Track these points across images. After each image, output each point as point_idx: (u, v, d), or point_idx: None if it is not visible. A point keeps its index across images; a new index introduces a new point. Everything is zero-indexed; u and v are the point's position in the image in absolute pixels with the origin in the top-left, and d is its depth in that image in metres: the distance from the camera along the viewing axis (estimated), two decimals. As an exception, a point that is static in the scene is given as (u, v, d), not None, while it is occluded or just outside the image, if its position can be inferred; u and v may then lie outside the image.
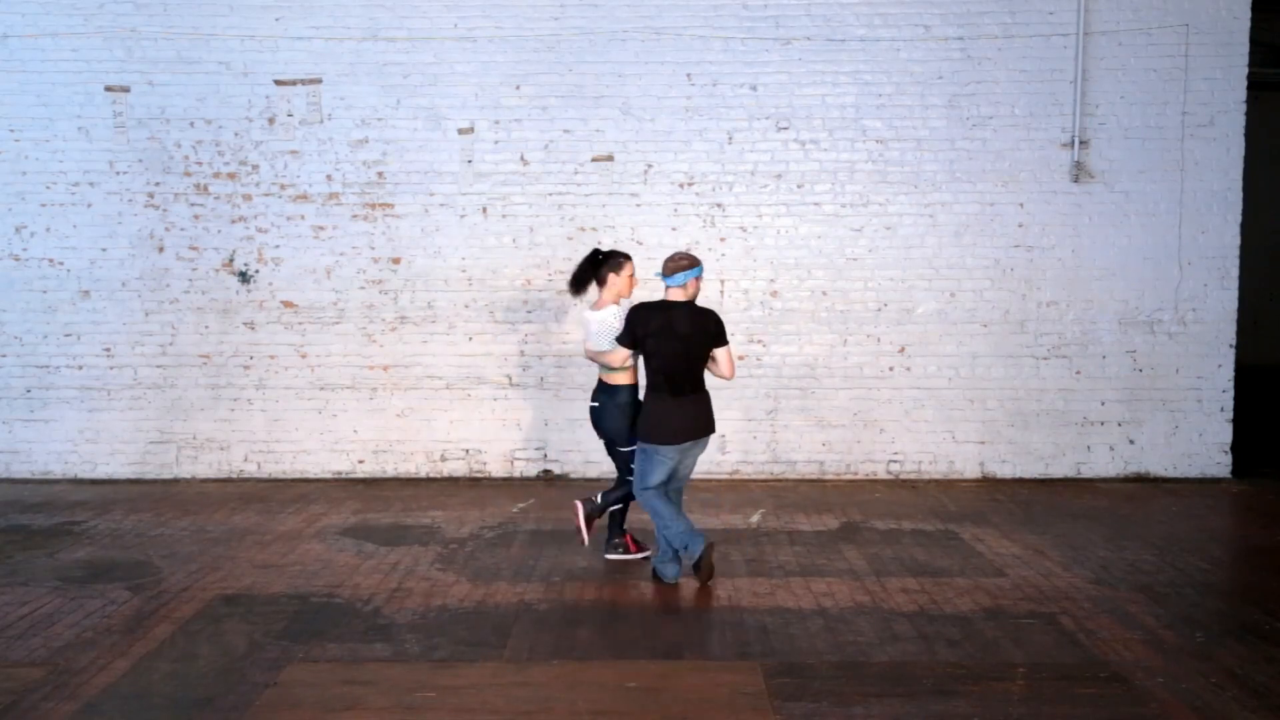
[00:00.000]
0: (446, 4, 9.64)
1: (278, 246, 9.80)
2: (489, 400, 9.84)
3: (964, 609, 6.21)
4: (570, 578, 6.81)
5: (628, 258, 7.13)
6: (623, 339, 6.71)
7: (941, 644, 5.65)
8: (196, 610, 6.18)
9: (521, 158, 9.75)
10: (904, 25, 9.63)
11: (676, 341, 6.53)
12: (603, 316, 7.00)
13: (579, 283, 7.16)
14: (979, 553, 7.42)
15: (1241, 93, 9.63)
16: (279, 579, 6.78)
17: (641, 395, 6.85)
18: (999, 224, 9.74)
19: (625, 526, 7.30)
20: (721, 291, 9.72)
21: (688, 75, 9.68)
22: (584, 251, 9.59)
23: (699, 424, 6.65)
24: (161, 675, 5.27)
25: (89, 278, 9.80)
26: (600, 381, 7.04)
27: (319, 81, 9.72)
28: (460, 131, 9.73)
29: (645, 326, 6.58)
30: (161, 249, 9.79)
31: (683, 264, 6.61)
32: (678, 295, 6.64)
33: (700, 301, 6.96)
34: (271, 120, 9.73)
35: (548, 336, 9.80)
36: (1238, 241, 9.75)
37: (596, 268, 7.12)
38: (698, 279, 6.66)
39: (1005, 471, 9.85)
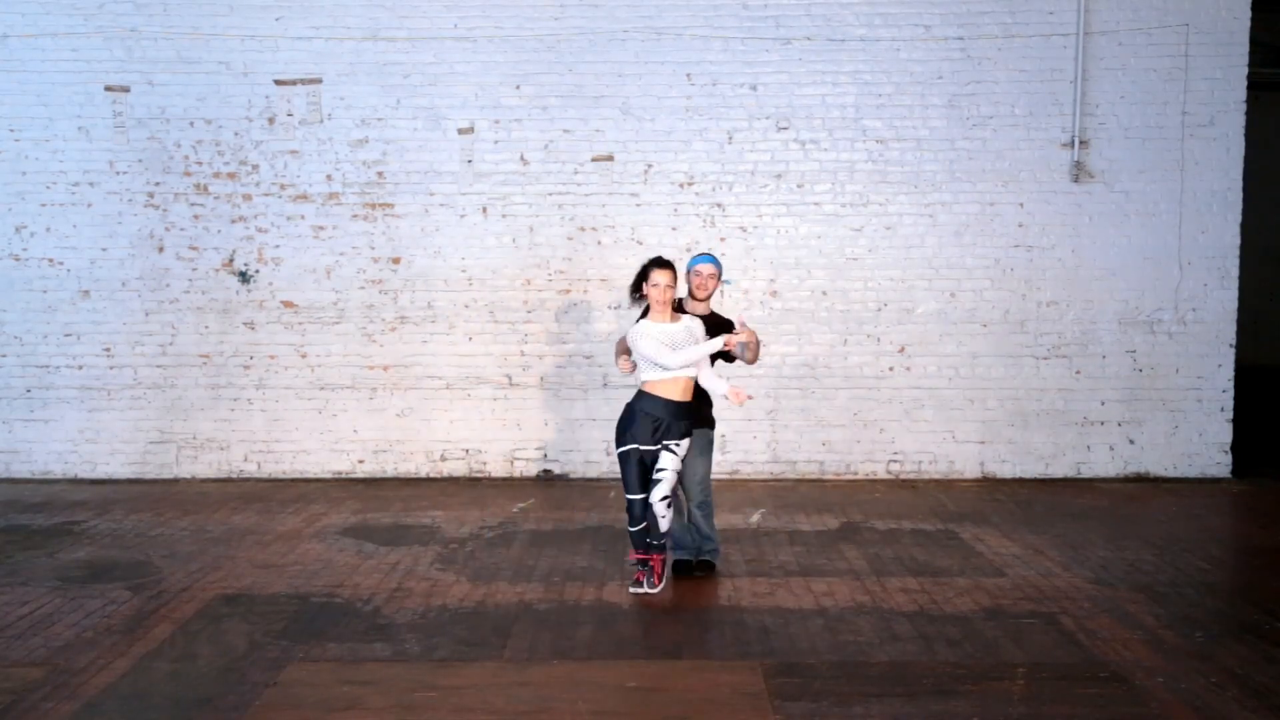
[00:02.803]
0: (446, 4, 9.64)
1: (278, 246, 9.80)
2: (489, 400, 9.84)
3: (964, 609, 6.21)
4: (570, 578, 6.81)
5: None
6: None
7: (941, 644, 5.65)
8: (196, 610, 6.18)
9: (521, 158, 9.75)
10: (904, 25, 9.63)
11: None
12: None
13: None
14: (979, 553, 7.42)
15: (1241, 93, 9.63)
16: (279, 579, 6.79)
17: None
18: (999, 224, 9.74)
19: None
20: (721, 291, 9.70)
21: (688, 75, 9.68)
22: (583, 251, 9.73)
23: None
24: (161, 675, 5.27)
25: (89, 278, 9.80)
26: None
27: (319, 81, 9.72)
28: (460, 131, 9.73)
29: None
30: (161, 249, 9.79)
31: None
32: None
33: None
34: (271, 120, 9.73)
35: (547, 336, 9.80)
36: (1238, 241, 9.75)
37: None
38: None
39: (1005, 471, 9.85)
